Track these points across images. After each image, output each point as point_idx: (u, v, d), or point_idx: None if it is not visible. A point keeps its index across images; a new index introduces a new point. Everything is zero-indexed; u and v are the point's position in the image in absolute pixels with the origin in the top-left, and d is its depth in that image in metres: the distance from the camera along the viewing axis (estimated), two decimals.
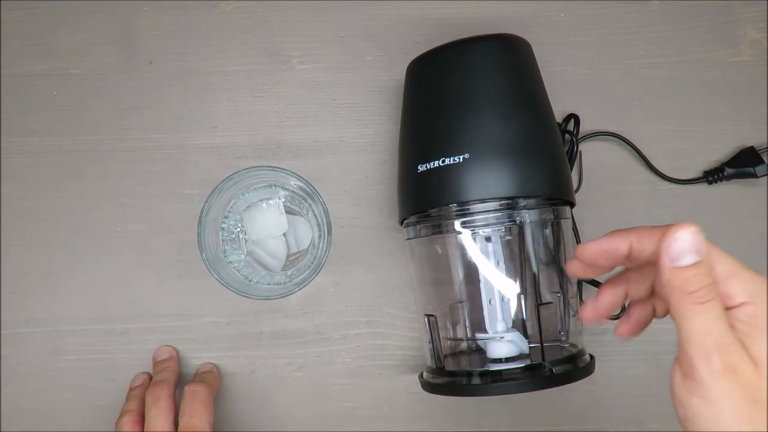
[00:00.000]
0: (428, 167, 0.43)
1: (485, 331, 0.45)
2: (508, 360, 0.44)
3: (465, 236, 0.45)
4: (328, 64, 0.54)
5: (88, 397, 0.51)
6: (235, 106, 0.54)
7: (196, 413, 0.45)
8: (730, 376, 0.29)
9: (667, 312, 0.36)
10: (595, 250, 0.35)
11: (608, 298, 0.38)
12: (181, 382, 0.50)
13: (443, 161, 0.43)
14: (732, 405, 0.29)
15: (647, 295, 0.37)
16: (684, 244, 0.31)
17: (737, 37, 0.55)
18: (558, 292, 0.46)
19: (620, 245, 0.34)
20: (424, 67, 0.46)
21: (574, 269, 0.37)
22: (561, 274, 0.46)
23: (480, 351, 0.47)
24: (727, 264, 0.31)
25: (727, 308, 0.30)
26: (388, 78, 0.54)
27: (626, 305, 0.38)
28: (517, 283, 0.45)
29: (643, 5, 0.55)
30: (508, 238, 0.45)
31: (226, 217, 0.50)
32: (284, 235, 0.51)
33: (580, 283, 0.51)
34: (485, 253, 0.45)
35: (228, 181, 0.46)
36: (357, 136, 0.54)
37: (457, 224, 0.44)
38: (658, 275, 0.32)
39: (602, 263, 0.36)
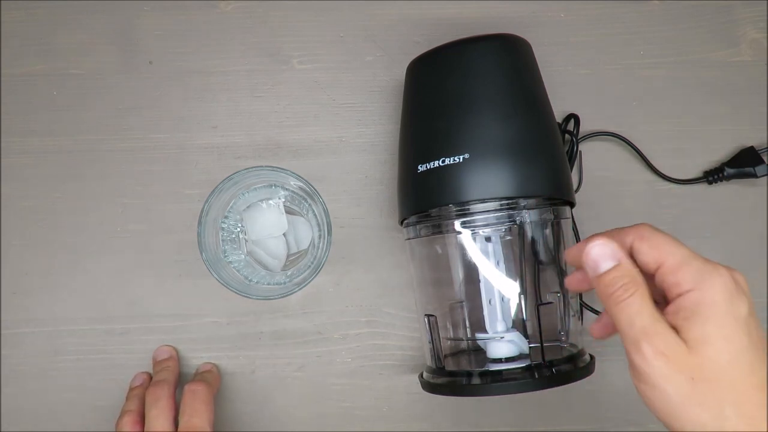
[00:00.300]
0: (428, 167, 0.43)
1: (485, 331, 0.45)
2: (508, 360, 0.44)
3: (465, 236, 0.45)
4: (328, 64, 0.54)
5: (88, 397, 0.51)
6: (235, 106, 0.54)
7: (197, 412, 0.45)
8: (662, 359, 0.31)
9: None
10: (575, 252, 0.37)
11: None
12: (181, 381, 0.50)
13: (443, 161, 0.43)
14: (673, 385, 0.31)
15: None
16: (598, 254, 0.35)
17: (737, 37, 0.55)
18: (558, 292, 0.46)
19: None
20: (424, 67, 0.46)
21: (571, 282, 0.40)
22: (561, 274, 0.46)
23: (480, 351, 0.47)
24: (678, 255, 0.33)
25: (677, 296, 0.33)
26: (388, 78, 0.54)
27: None
28: (517, 283, 0.45)
29: (643, 5, 0.55)
30: (508, 238, 0.45)
31: (226, 217, 0.50)
32: (284, 235, 0.51)
33: None
34: (485, 253, 0.45)
35: (228, 181, 0.46)
36: (357, 136, 0.54)
37: (457, 224, 0.44)
38: None
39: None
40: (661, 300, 0.36)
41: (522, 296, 0.45)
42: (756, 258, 0.54)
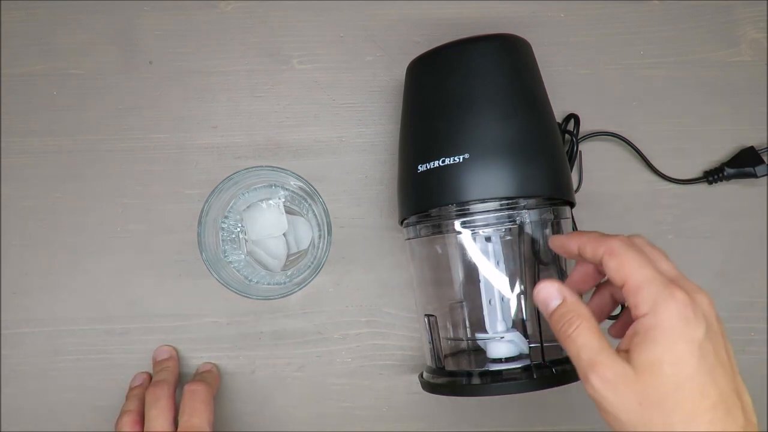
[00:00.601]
0: (428, 167, 0.43)
1: (485, 331, 0.45)
2: (508, 360, 0.44)
3: (465, 236, 0.45)
4: (328, 64, 0.54)
5: (88, 397, 0.51)
6: (235, 106, 0.54)
7: (196, 412, 0.45)
8: (610, 387, 0.32)
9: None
10: (557, 242, 0.40)
11: (595, 302, 0.42)
12: (181, 381, 0.50)
13: (443, 161, 0.43)
14: (623, 411, 0.32)
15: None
16: (546, 295, 0.37)
17: (737, 37, 0.55)
18: None
19: (571, 245, 0.39)
20: (424, 67, 0.46)
21: (575, 283, 0.41)
22: (561, 274, 0.46)
23: (480, 351, 0.46)
24: (639, 277, 0.34)
25: (636, 318, 0.34)
26: (388, 78, 0.54)
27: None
28: (517, 283, 0.45)
29: (643, 5, 0.55)
30: (508, 238, 0.45)
31: (226, 217, 0.50)
32: (284, 235, 0.51)
33: None
34: (485, 253, 0.45)
35: (228, 181, 0.46)
36: (357, 136, 0.54)
37: (457, 224, 0.44)
38: None
39: (567, 256, 0.40)
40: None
41: (522, 296, 0.45)
42: (756, 258, 0.54)
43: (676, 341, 0.32)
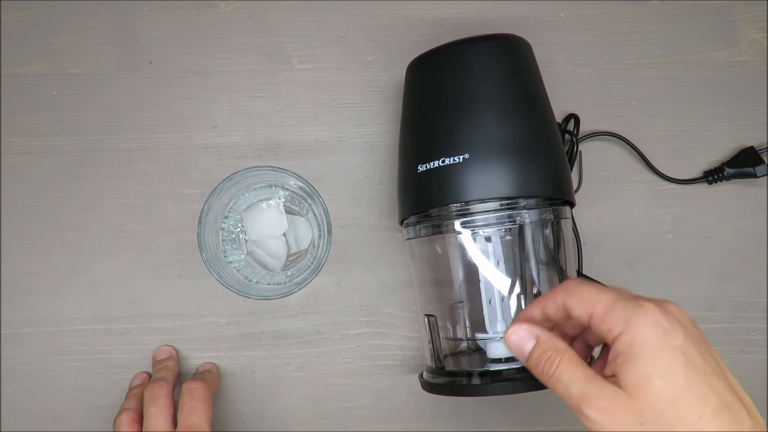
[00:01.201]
0: (428, 167, 0.43)
1: (485, 331, 0.45)
2: (508, 360, 0.44)
3: (465, 236, 0.45)
4: (328, 64, 0.54)
5: (88, 397, 0.51)
6: (235, 106, 0.54)
7: (194, 411, 0.44)
8: (607, 416, 0.31)
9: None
10: (514, 338, 0.37)
11: None
12: (180, 381, 0.50)
13: (443, 161, 0.43)
14: None
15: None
16: (517, 340, 0.36)
17: (737, 37, 0.55)
18: None
19: (530, 331, 0.37)
20: (424, 67, 0.46)
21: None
22: (561, 274, 0.46)
23: (480, 351, 0.46)
24: (603, 302, 0.33)
25: (612, 341, 0.33)
26: (388, 78, 0.54)
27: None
28: (517, 283, 0.45)
29: (643, 5, 0.55)
30: (508, 238, 0.45)
31: (226, 217, 0.50)
32: (284, 235, 0.51)
33: None
34: (485, 253, 0.45)
35: (228, 181, 0.46)
36: (357, 136, 0.54)
37: (457, 224, 0.44)
38: None
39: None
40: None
41: (522, 296, 0.45)
42: (756, 258, 0.54)
43: (658, 352, 0.31)
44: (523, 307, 0.45)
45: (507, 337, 0.36)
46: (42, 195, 0.53)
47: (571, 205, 0.47)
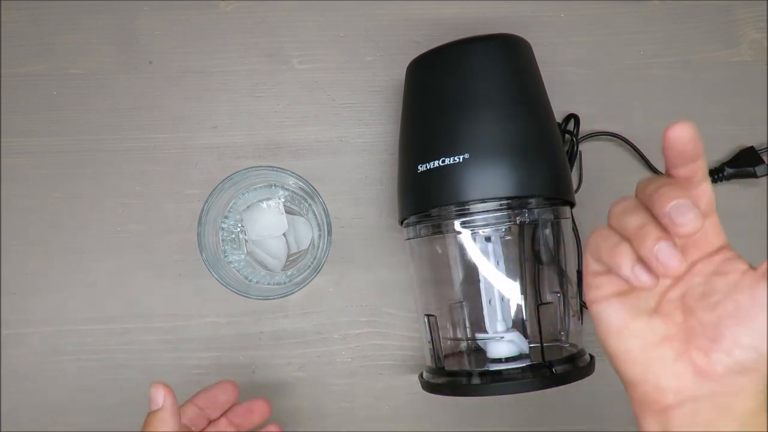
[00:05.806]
0: (428, 167, 0.43)
1: (485, 331, 0.45)
2: (508, 360, 0.44)
3: (465, 236, 0.45)
4: (328, 64, 0.54)
5: (88, 397, 0.51)
6: (235, 106, 0.54)
7: None
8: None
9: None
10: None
11: None
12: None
13: (443, 161, 0.43)
14: None
15: None
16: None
17: (737, 37, 0.55)
18: (558, 292, 0.46)
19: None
20: (424, 67, 0.46)
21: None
22: (561, 274, 0.46)
23: (480, 351, 0.47)
24: None
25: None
26: (388, 78, 0.54)
27: None
28: (517, 283, 0.45)
29: (643, 5, 0.55)
30: (508, 238, 0.45)
31: (226, 217, 0.50)
32: (284, 235, 0.51)
33: (579, 283, 0.51)
34: (485, 253, 0.45)
35: (228, 181, 0.46)
36: (357, 136, 0.54)
37: (457, 224, 0.44)
38: None
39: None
40: None
41: (522, 296, 0.45)
42: (756, 258, 0.53)
43: None
44: (524, 307, 0.45)
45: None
46: (42, 195, 0.53)
47: (571, 205, 0.47)
